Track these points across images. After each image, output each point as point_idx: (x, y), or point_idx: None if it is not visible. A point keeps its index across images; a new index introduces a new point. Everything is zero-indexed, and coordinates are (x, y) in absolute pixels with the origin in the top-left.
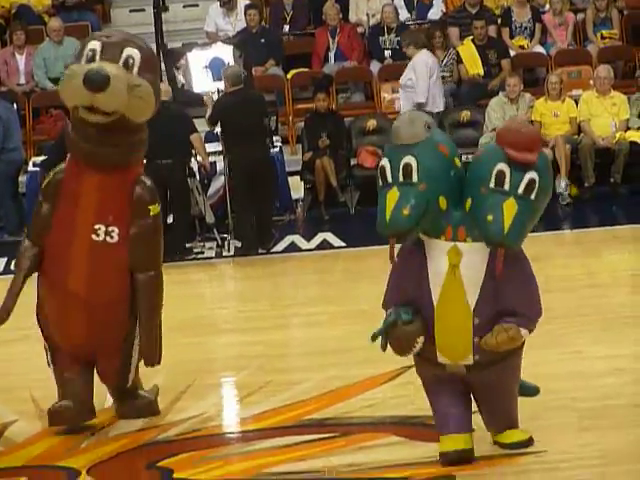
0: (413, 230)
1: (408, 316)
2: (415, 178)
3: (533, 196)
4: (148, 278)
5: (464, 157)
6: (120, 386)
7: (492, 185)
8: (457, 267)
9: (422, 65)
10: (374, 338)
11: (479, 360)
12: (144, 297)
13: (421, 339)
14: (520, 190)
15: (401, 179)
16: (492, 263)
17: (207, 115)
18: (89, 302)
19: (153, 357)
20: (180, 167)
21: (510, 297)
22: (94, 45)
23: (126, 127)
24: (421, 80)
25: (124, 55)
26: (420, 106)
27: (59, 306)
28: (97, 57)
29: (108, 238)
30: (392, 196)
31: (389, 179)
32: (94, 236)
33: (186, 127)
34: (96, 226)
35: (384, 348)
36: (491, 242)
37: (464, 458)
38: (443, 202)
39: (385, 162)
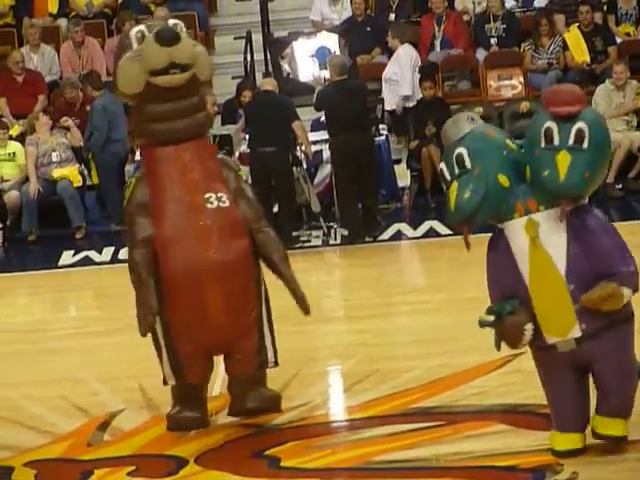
0: (478, 212)
1: (511, 307)
2: (468, 164)
3: (585, 145)
4: (269, 231)
5: None
6: (259, 367)
7: (543, 144)
8: (537, 238)
9: (406, 58)
10: (482, 325)
11: (586, 330)
12: (274, 248)
13: (529, 326)
14: (570, 142)
15: (457, 171)
16: (572, 226)
17: (313, 101)
18: (221, 265)
19: (306, 303)
20: (283, 155)
21: (600, 255)
22: (139, 28)
23: (196, 90)
24: (406, 72)
25: (170, 23)
26: (407, 98)
27: (191, 290)
28: (147, 34)
29: (220, 203)
30: (453, 189)
31: (448, 177)
32: (208, 205)
33: (288, 115)
34: (206, 195)
35: (498, 347)
36: (552, 194)
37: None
38: (504, 180)
39: (442, 165)
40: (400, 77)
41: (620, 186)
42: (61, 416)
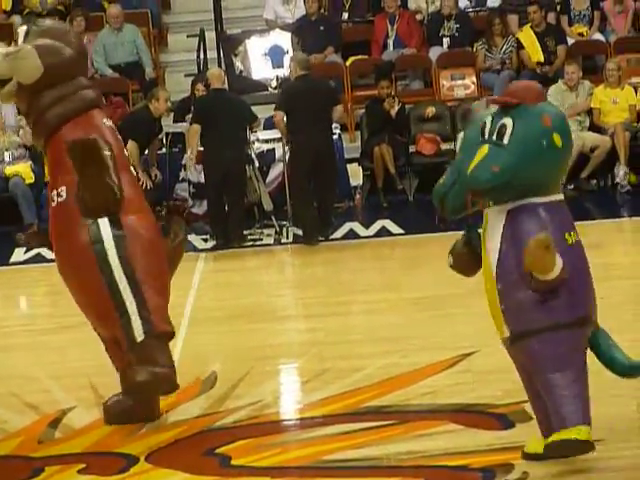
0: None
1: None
2: (506, 141)
3: (505, 140)
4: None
5: None
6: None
7: (479, 139)
8: (485, 231)
9: None
10: None
11: (512, 331)
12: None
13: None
14: (494, 136)
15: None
16: (508, 225)
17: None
18: (60, 265)
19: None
20: (238, 154)
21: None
22: (20, 30)
23: (31, 93)
24: None
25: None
26: None
27: None
28: (19, 40)
29: (59, 199)
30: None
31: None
32: (53, 204)
33: (245, 116)
34: (52, 194)
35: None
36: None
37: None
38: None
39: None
40: None
41: (572, 187)
42: (12, 413)
